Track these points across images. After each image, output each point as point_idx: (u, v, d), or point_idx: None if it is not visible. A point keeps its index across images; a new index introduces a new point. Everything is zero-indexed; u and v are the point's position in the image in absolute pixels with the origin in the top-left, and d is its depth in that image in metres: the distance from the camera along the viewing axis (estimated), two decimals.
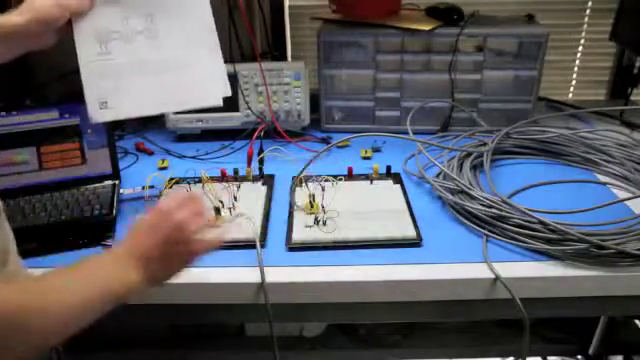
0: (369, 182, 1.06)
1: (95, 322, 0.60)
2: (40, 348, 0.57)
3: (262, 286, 0.79)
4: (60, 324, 0.56)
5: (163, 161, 1.20)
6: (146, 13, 0.82)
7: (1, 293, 0.53)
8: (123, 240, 0.68)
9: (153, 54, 0.82)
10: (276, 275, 0.81)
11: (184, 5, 0.82)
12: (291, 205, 0.98)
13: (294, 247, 0.87)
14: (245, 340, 1.61)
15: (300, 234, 0.89)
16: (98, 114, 0.82)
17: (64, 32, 0.80)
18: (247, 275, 0.81)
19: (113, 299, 0.62)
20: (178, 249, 0.67)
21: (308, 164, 0.98)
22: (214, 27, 0.82)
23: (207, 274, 0.82)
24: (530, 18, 1.32)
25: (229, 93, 0.83)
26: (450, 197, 0.96)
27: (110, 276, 0.63)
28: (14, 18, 0.74)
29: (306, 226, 0.90)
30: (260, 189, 1.04)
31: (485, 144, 1.13)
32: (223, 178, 1.07)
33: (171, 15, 0.82)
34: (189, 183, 1.05)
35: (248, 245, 0.86)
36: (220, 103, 0.83)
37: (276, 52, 1.53)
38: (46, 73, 1.38)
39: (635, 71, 1.53)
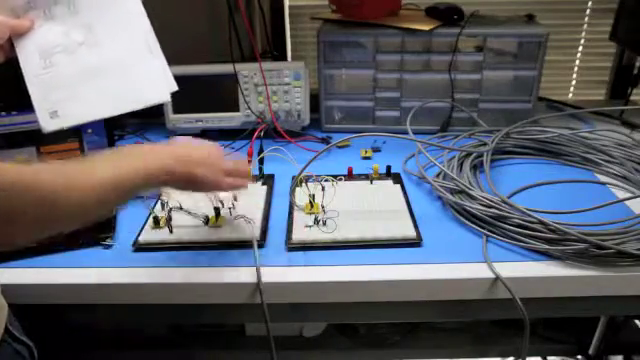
0: (369, 182, 1.06)
1: (95, 322, 0.60)
2: (71, 221, 0.61)
3: (259, 286, 0.79)
4: (89, 199, 0.61)
5: None
6: (85, 24, 0.83)
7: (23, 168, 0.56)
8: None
9: (96, 61, 0.83)
10: (276, 275, 0.81)
11: (119, 12, 0.84)
12: (291, 205, 0.98)
13: (294, 247, 0.87)
14: (245, 340, 1.61)
15: (300, 234, 0.89)
16: (49, 123, 0.83)
17: (7, 51, 0.81)
18: (246, 275, 0.81)
19: (145, 178, 0.68)
20: (212, 162, 0.77)
21: (308, 164, 0.98)
22: (150, 28, 0.84)
23: (207, 274, 0.82)
24: (530, 18, 1.32)
25: (175, 88, 0.85)
26: (450, 197, 0.96)
27: (146, 156, 0.70)
28: None
29: (306, 226, 0.90)
30: (260, 189, 1.04)
31: (485, 144, 1.13)
32: None
33: (108, 23, 0.84)
34: None
35: (248, 245, 0.86)
36: (168, 99, 0.85)
37: (276, 52, 1.53)
38: None
39: (635, 71, 1.53)
